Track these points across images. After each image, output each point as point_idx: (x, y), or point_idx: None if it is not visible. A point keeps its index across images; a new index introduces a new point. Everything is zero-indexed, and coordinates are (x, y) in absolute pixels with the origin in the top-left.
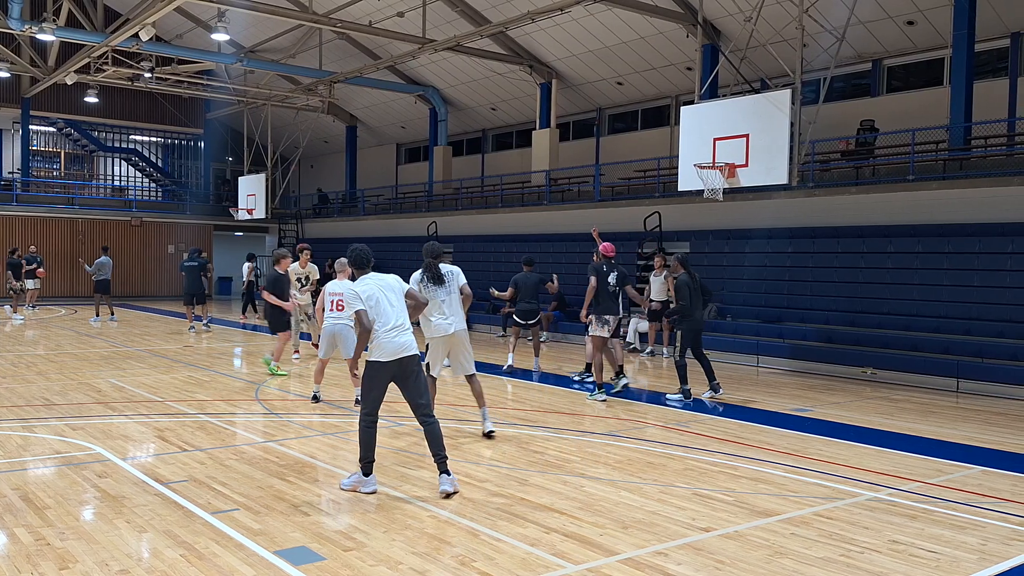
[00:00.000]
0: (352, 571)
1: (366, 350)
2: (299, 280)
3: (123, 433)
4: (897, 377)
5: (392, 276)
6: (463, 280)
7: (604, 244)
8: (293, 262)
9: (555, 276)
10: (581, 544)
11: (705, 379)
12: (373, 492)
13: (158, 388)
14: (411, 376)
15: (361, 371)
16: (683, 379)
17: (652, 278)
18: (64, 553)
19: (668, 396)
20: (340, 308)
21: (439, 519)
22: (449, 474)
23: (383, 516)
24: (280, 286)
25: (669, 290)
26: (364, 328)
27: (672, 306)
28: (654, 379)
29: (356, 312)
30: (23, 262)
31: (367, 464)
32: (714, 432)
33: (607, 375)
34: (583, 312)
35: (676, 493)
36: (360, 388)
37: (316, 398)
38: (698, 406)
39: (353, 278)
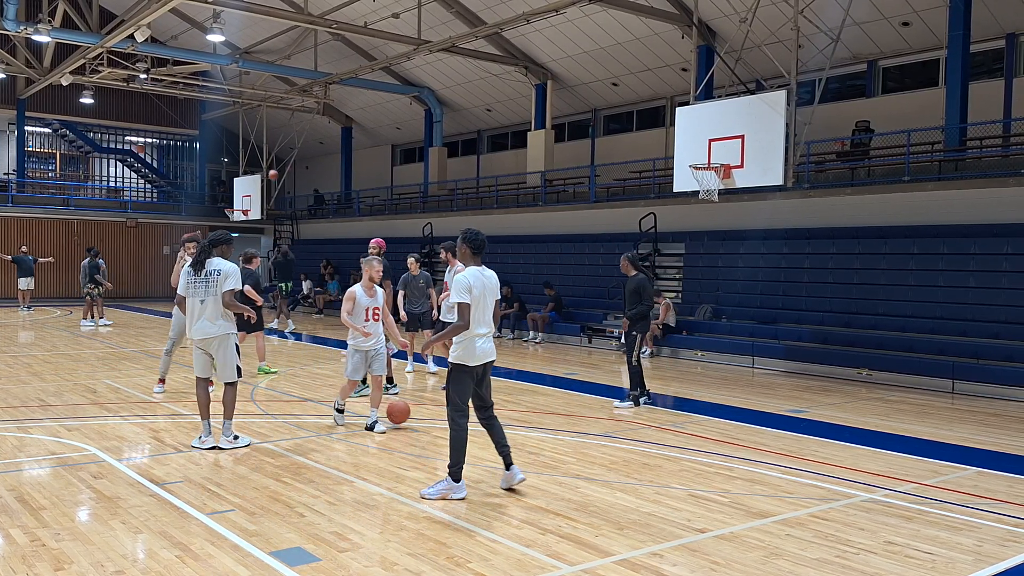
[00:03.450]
0: (347, 572)
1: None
2: None
3: (118, 434)
4: (892, 378)
5: (494, 275)
6: (230, 286)
7: (378, 239)
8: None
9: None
10: (577, 545)
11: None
12: (463, 499)
13: (153, 389)
14: (487, 377)
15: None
16: (640, 383)
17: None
18: (59, 554)
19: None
20: None
21: (434, 520)
22: (512, 466)
23: (378, 517)
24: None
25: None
26: (463, 324)
27: (631, 310)
28: (655, 380)
29: (459, 304)
30: (100, 264)
31: (459, 469)
32: (709, 433)
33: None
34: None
35: (672, 494)
36: (449, 390)
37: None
38: (690, 406)
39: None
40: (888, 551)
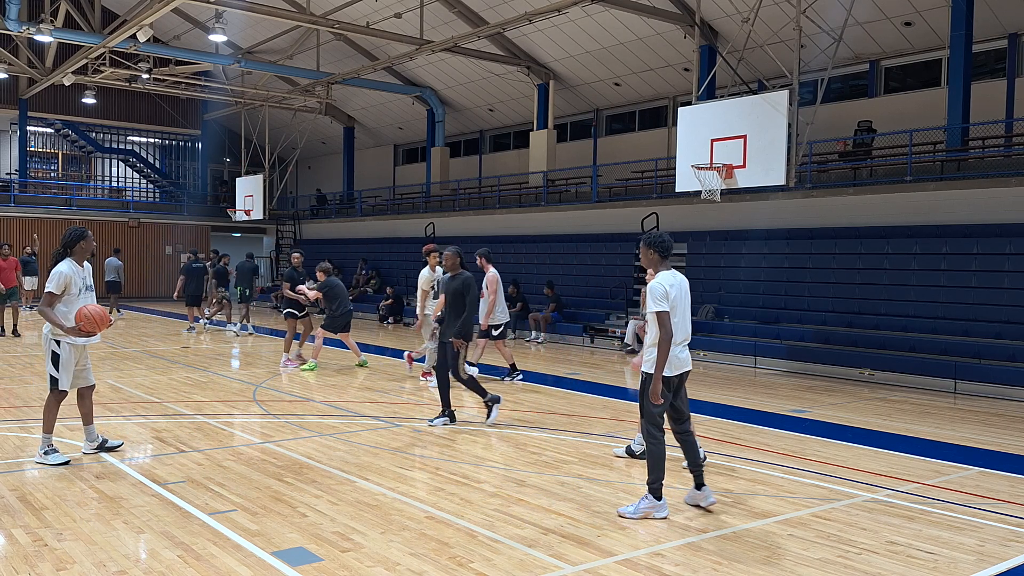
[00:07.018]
0: (349, 572)
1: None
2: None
3: (120, 434)
4: (895, 378)
5: (684, 278)
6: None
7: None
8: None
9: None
10: (579, 545)
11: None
12: (666, 517)
13: (156, 389)
14: (683, 388)
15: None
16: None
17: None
18: (62, 554)
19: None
20: None
21: (436, 520)
22: (704, 487)
23: (380, 517)
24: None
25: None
26: (666, 335)
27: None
28: None
29: (659, 313)
30: (227, 270)
31: (660, 486)
32: (712, 433)
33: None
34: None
35: (674, 494)
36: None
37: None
38: (692, 406)
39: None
40: (890, 551)
